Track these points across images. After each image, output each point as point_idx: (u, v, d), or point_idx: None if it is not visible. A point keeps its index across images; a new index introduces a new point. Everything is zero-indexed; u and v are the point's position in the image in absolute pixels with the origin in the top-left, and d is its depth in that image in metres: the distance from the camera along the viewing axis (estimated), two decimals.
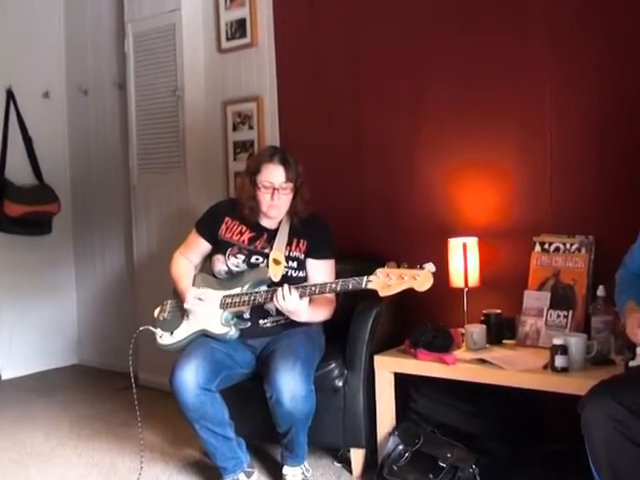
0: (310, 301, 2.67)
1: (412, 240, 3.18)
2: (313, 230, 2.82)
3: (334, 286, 2.53)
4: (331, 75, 3.45)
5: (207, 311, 2.72)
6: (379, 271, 2.42)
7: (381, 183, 3.32)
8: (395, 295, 2.44)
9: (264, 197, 2.74)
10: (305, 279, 2.78)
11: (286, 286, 2.56)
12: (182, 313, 2.79)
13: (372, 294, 2.44)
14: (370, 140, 3.34)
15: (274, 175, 2.73)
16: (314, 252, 2.80)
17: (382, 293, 2.41)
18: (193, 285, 2.82)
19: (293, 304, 2.55)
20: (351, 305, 2.86)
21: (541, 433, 2.76)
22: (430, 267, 2.37)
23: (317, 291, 2.55)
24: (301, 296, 2.56)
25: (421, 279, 2.37)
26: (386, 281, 2.40)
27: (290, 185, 2.75)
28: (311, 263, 2.80)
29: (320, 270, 2.78)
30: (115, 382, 4.13)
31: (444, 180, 3.12)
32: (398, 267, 2.40)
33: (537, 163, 2.90)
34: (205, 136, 3.91)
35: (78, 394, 4.08)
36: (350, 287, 2.48)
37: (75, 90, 4.65)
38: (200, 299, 2.72)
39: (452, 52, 3.07)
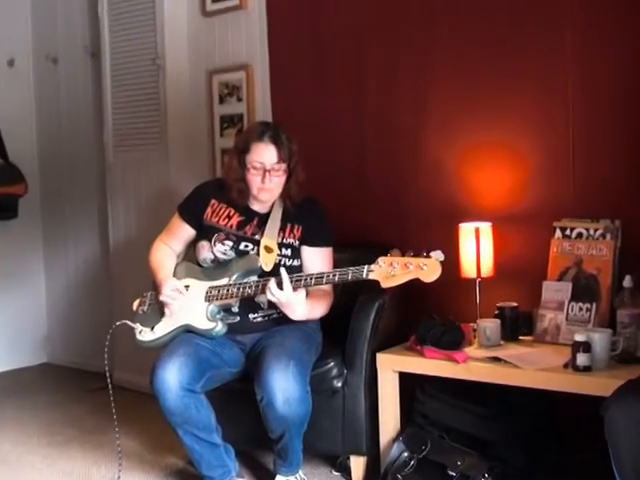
0: (307, 295, 2.68)
1: (419, 226, 3.19)
2: (309, 215, 2.82)
3: (331, 277, 2.53)
4: (330, 42, 3.44)
5: (191, 304, 2.73)
6: (381, 260, 2.42)
7: (384, 163, 3.32)
8: (399, 286, 2.44)
9: (254, 179, 2.75)
10: (300, 269, 2.79)
11: (284, 274, 2.55)
12: (163, 306, 2.79)
13: (374, 286, 2.45)
14: (372, 116, 3.34)
15: (265, 155, 2.73)
16: (310, 239, 2.80)
17: (385, 284, 2.42)
18: (174, 276, 2.83)
19: (287, 296, 2.56)
20: (351, 298, 2.87)
21: (560, 438, 2.78)
22: (438, 255, 2.37)
23: (312, 282, 2.56)
24: (295, 288, 2.56)
25: (428, 269, 2.37)
26: (389, 271, 2.40)
27: (283, 166, 2.75)
28: (306, 251, 2.81)
29: (316, 259, 2.79)
30: (89, 382, 4.15)
31: (454, 158, 3.13)
32: (403, 255, 2.40)
33: (558, 139, 2.90)
34: (189, 109, 3.91)
35: (48, 396, 4.10)
36: (349, 278, 2.48)
37: (43, 58, 4.64)
38: (179, 291, 2.73)
39: (464, 19, 3.06)
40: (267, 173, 2.72)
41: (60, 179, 4.65)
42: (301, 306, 2.61)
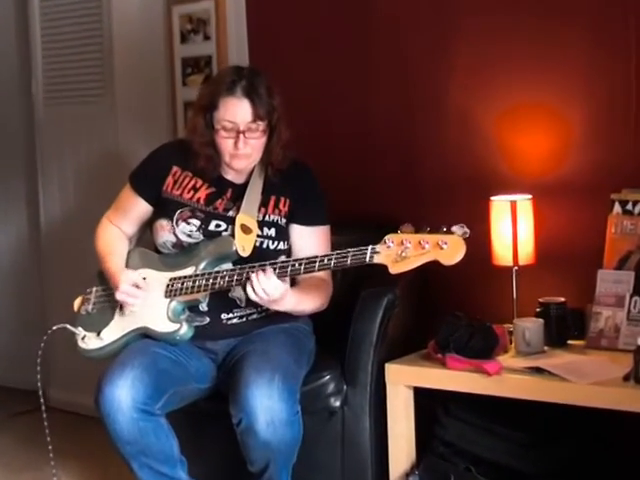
0: (294, 283, 2.70)
1: (439, 200, 3.22)
2: (298, 184, 2.84)
3: (326, 261, 2.52)
4: None
5: (147, 302, 2.74)
6: (389, 238, 2.41)
7: (395, 120, 3.34)
8: (414, 276, 2.47)
9: (225, 143, 2.75)
10: (287, 253, 2.81)
11: (269, 270, 2.55)
12: (113, 305, 2.82)
13: (381, 274, 2.45)
14: (380, 57, 3.36)
15: (237, 112, 2.73)
16: (300, 215, 2.82)
17: (394, 269, 2.40)
18: (127, 266, 2.85)
19: (272, 290, 2.56)
20: (352, 290, 2.90)
21: (620, 469, 2.81)
22: (461, 230, 2.36)
23: (302, 269, 2.55)
24: (280, 276, 2.57)
25: (449, 247, 2.35)
26: (399, 251, 2.39)
27: (261, 125, 2.75)
28: (296, 230, 2.83)
29: (309, 240, 2.81)
30: (16, 404, 4.16)
31: (485, 116, 3.15)
32: (417, 232, 2.40)
33: (616, 94, 2.93)
34: (141, 51, 3.91)
35: None
36: (349, 262, 2.48)
37: None
38: (139, 286, 2.75)
39: None
40: (241, 135, 2.72)
41: None
42: (287, 297, 2.62)
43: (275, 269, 2.56)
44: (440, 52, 3.24)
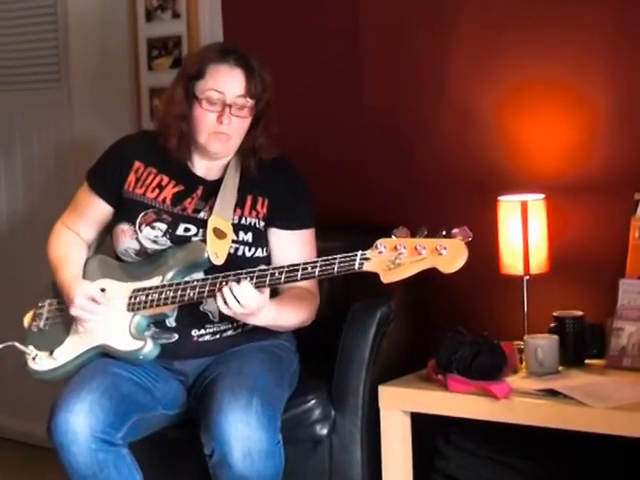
0: (275, 295, 2.73)
1: (440, 200, 3.26)
2: (278, 181, 2.87)
3: (310, 269, 2.54)
4: None
5: (107, 316, 2.76)
6: (381, 242, 2.42)
7: (391, 110, 3.38)
8: (411, 284, 2.48)
9: (206, 117, 2.78)
10: (266, 261, 2.84)
11: (244, 281, 2.58)
12: (68, 321, 2.84)
13: (374, 284, 2.46)
14: (373, 42, 3.41)
15: (227, 82, 2.77)
16: (281, 217, 2.86)
17: (387, 278, 2.41)
18: (85, 276, 2.87)
19: (249, 302, 2.58)
20: (341, 303, 2.96)
21: None
22: (462, 234, 2.37)
23: (283, 278, 2.57)
24: (257, 286, 2.58)
25: (448, 253, 2.36)
26: (392, 258, 2.40)
27: (250, 103, 2.79)
28: (276, 235, 2.86)
29: (291, 246, 2.85)
30: None
31: (491, 106, 3.20)
32: (413, 236, 2.41)
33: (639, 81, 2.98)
34: (101, 30, 3.94)
35: None
36: (336, 270, 2.49)
37: None
38: (96, 300, 2.76)
39: None
40: (227, 109, 2.76)
41: None
42: (266, 310, 2.64)
43: (252, 278, 2.57)
44: (439, 30, 3.27)
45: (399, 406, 2.84)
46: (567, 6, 3.06)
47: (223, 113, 2.76)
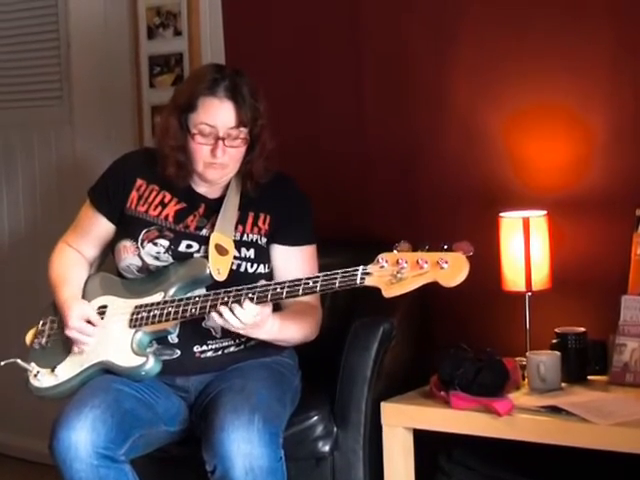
0: (278, 309, 2.74)
1: (441, 216, 3.27)
2: (279, 198, 2.89)
3: (311, 284, 2.55)
4: None
5: (110, 333, 2.78)
6: (383, 257, 2.43)
7: (392, 126, 3.40)
8: (413, 300, 2.54)
9: (200, 150, 2.79)
10: (268, 277, 2.85)
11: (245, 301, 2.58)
12: (69, 338, 2.83)
13: (376, 300, 2.47)
14: (374, 55, 3.43)
15: (218, 116, 2.78)
16: (282, 234, 2.87)
17: (389, 292, 2.42)
18: (86, 294, 2.89)
19: (250, 318, 2.60)
20: (342, 319, 2.96)
21: None
22: (463, 248, 2.39)
23: (285, 293, 2.58)
24: (259, 302, 2.59)
25: (449, 267, 2.38)
26: (394, 272, 2.41)
27: (243, 132, 2.80)
28: (278, 251, 2.88)
29: (293, 262, 2.86)
30: None
31: (494, 124, 3.21)
32: (414, 250, 2.42)
33: None
34: (103, 47, 3.96)
35: None
36: (337, 285, 2.51)
37: None
38: (92, 322, 2.78)
39: None
40: (220, 142, 2.77)
41: None
42: (269, 324, 2.66)
43: (253, 294, 2.58)
44: (442, 47, 3.29)
45: (401, 423, 2.85)
46: (567, 36, 3.08)
47: (217, 146, 2.77)
